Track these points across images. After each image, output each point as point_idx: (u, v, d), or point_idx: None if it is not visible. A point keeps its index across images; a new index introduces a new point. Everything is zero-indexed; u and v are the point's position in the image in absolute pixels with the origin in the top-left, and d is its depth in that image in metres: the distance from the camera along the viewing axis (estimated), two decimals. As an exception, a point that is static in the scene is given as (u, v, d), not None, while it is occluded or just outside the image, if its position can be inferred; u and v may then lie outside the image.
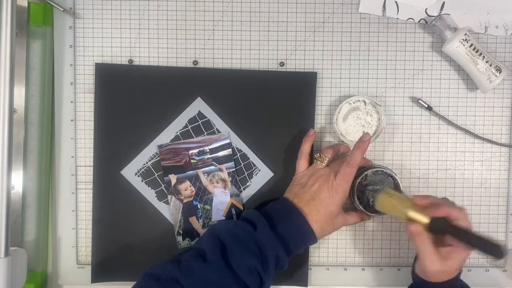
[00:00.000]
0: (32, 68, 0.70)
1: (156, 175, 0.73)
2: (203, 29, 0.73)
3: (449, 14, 0.72)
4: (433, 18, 0.71)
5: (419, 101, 0.72)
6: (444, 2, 0.72)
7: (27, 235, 0.71)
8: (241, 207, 0.73)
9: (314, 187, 0.66)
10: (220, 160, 0.73)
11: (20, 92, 0.69)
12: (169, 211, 0.73)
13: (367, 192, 0.71)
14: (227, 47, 0.73)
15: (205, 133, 0.73)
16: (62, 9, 0.72)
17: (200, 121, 0.73)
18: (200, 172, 0.73)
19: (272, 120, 0.73)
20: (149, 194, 0.74)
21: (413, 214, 0.60)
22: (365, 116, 0.72)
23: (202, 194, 0.73)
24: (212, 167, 0.73)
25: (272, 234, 0.62)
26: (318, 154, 0.69)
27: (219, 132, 0.73)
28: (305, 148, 0.70)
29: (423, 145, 0.74)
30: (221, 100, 0.73)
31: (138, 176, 0.73)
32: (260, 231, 0.62)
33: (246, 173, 0.73)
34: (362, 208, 0.70)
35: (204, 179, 0.73)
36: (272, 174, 0.73)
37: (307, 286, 0.74)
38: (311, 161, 0.70)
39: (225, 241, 0.62)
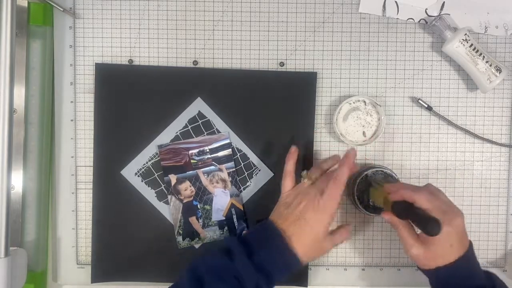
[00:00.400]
0: (32, 68, 0.70)
1: (156, 175, 0.73)
2: (203, 29, 0.73)
3: (449, 14, 0.72)
4: (433, 18, 0.71)
5: (419, 101, 0.72)
6: (444, 2, 0.72)
7: (27, 235, 0.71)
8: (241, 207, 0.73)
9: (299, 207, 0.62)
10: (220, 160, 0.73)
11: (20, 92, 0.69)
12: (169, 211, 0.73)
13: (367, 192, 0.71)
14: (227, 47, 0.73)
15: (205, 133, 0.73)
16: (62, 9, 0.72)
17: (200, 121, 0.73)
18: (200, 172, 0.73)
19: (272, 120, 0.73)
20: (149, 194, 0.74)
21: (383, 203, 0.61)
22: (365, 116, 0.72)
23: (202, 194, 0.73)
24: (212, 167, 0.73)
25: (249, 263, 0.58)
26: (305, 172, 0.67)
27: (219, 132, 0.73)
28: (289, 166, 0.68)
29: (423, 145, 0.74)
30: (221, 100, 0.73)
31: (138, 176, 0.73)
32: (237, 261, 0.58)
33: (246, 173, 0.73)
34: (362, 208, 0.70)
35: (204, 179, 0.73)
36: (272, 174, 0.73)
37: (307, 286, 0.74)
38: (297, 180, 0.68)
39: (202, 275, 0.58)
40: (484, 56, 0.69)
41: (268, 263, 0.59)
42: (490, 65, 0.69)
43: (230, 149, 0.73)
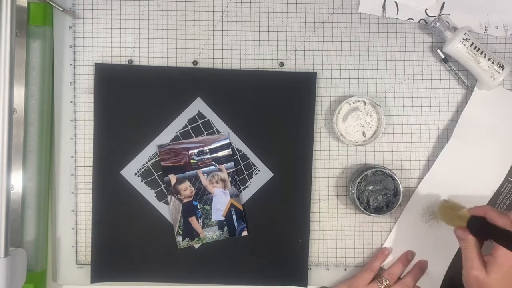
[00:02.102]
0: (31, 68, 0.70)
1: (155, 175, 0.73)
2: (203, 29, 0.73)
3: (449, 14, 0.72)
4: (432, 18, 0.71)
5: (438, 50, 0.72)
6: (444, 2, 0.72)
7: (26, 235, 0.71)
8: (241, 207, 0.73)
9: None
10: (220, 160, 0.73)
11: (19, 92, 0.69)
12: (169, 211, 0.73)
13: (366, 192, 0.71)
14: (227, 47, 0.73)
15: (205, 133, 0.73)
16: (62, 9, 0.72)
17: (200, 121, 0.73)
18: (199, 172, 0.73)
19: (272, 120, 0.73)
20: (149, 194, 0.73)
21: (459, 218, 0.62)
22: (365, 116, 0.72)
23: (202, 194, 0.73)
24: (212, 167, 0.73)
25: None
26: (384, 279, 0.70)
27: (218, 132, 0.73)
28: (375, 264, 0.72)
29: (423, 145, 0.74)
30: (221, 100, 0.73)
31: (138, 176, 0.73)
32: None
33: (245, 173, 0.73)
34: (362, 208, 0.70)
35: (203, 179, 0.73)
36: (272, 174, 0.73)
37: (307, 286, 0.74)
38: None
39: None
40: (485, 54, 0.69)
41: None
42: (493, 63, 0.69)
43: (230, 149, 0.73)
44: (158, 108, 0.73)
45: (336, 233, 0.75)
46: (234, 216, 0.73)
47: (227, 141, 0.73)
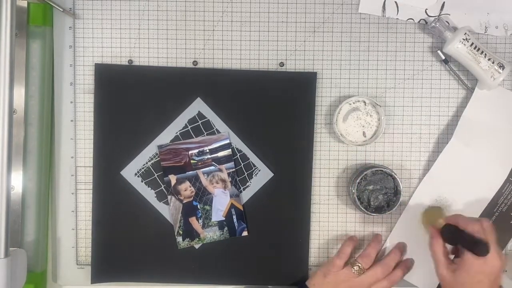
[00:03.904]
0: (31, 69, 0.70)
1: (156, 176, 0.73)
2: (203, 29, 0.73)
3: (449, 15, 0.72)
4: (432, 19, 0.71)
5: (438, 51, 0.72)
6: (444, 2, 0.72)
7: (26, 235, 0.71)
8: (241, 208, 0.73)
9: None
10: (220, 161, 0.73)
11: (19, 93, 0.69)
12: (169, 212, 0.73)
13: (367, 192, 0.71)
14: (227, 48, 0.73)
15: (205, 133, 0.73)
16: (61, 10, 0.72)
17: (200, 122, 0.73)
18: (200, 172, 0.73)
19: (272, 120, 0.73)
20: (149, 194, 0.73)
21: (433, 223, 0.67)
22: (365, 116, 0.72)
23: (202, 194, 0.73)
24: (212, 168, 0.73)
25: None
26: (357, 263, 0.69)
27: (218, 132, 0.73)
28: (346, 250, 0.70)
29: (423, 145, 0.74)
30: (221, 101, 0.73)
31: (138, 176, 0.73)
32: None
33: (246, 173, 0.73)
34: (363, 208, 0.70)
35: (204, 180, 0.73)
36: (272, 174, 0.73)
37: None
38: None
39: None
40: (486, 54, 0.69)
41: None
42: (493, 62, 0.69)
43: (230, 150, 0.73)
44: (158, 108, 0.73)
45: (336, 233, 0.75)
46: (234, 216, 0.73)
47: (227, 141, 0.73)
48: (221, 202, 0.73)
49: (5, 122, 0.61)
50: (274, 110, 0.73)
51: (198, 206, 0.73)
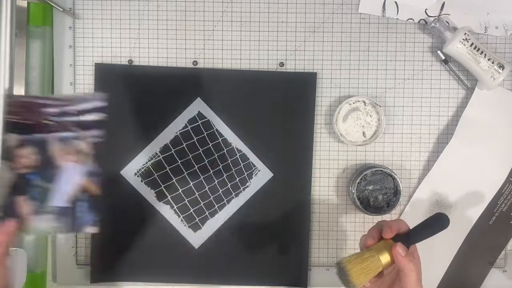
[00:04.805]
0: (31, 69, 0.70)
1: (155, 175, 0.73)
2: (203, 29, 0.73)
3: (449, 15, 0.72)
4: (432, 19, 0.71)
5: (438, 51, 0.71)
6: (444, 2, 0.72)
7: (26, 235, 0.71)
8: (98, 193, 0.56)
9: None
10: (86, 126, 0.56)
11: (19, 93, 0.69)
12: (169, 212, 0.73)
13: (367, 192, 0.71)
14: (227, 48, 0.73)
15: (205, 133, 0.73)
16: (61, 10, 0.72)
17: (200, 121, 0.73)
18: (52, 137, 0.55)
19: (272, 121, 0.73)
20: (149, 194, 0.73)
21: (385, 259, 0.57)
22: (365, 116, 0.72)
23: (46, 166, 0.55)
24: (71, 134, 0.56)
25: None
26: None
27: (219, 132, 0.73)
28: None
29: (423, 145, 0.74)
30: (221, 101, 0.73)
31: (138, 176, 0.73)
32: None
33: (246, 173, 0.73)
34: (362, 208, 0.70)
35: (54, 147, 0.55)
36: (272, 174, 0.73)
37: (307, 287, 0.74)
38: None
39: None
40: (485, 54, 0.69)
41: None
42: (493, 63, 0.69)
43: (103, 115, 0.57)
44: (158, 108, 0.73)
45: (336, 233, 0.75)
46: (84, 204, 0.55)
47: (101, 103, 0.57)
48: (70, 181, 0.55)
49: (5, 122, 0.61)
50: (274, 110, 0.73)
51: (36, 183, 0.55)
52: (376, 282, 0.60)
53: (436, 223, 0.60)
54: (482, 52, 0.69)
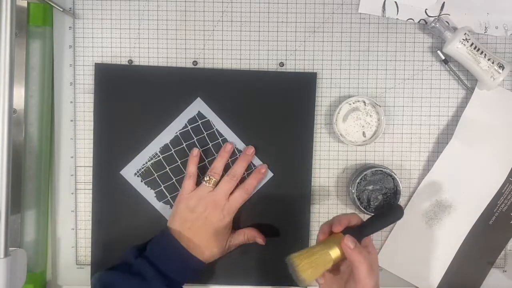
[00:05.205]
0: (31, 69, 0.70)
1: (155, 176, 0.73)
2: (203, 29, 0.73)
3: (449, 15, 0.72)
4: (432, 19, 0.71)
5: (438, 51, 0.71)
6: (444, 2, 0.72)
7: (26, 235, 0.71)
8: None
9: (205, 212, 0.67)
10: None
11: (19, 93, 0.69)
12: (167, 213, 0.73)
13: (367, 192, 0.71)
14: (227, 48, 0.73)
15: (205, 133, 0.73)
16: (61, 10, 0.72)
17: (200, 122, 0.73)
18: None
19: (272, 121, 0.73)
20: (149, 194, 0.73)
21: (335, 253, 0.57)
22: (365, 116, 0.72)
23: None
24: None
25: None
26: (208, 177, 0.69)
27: (219, 132, 0.73)
28: (192, 169, 0.70)
29: (423, 145, 0.74)
30: (221, 101, 0.73)
31: (138, 176, 0.73)
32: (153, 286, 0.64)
33: (245, 173, 0.73)
34: (362, 208, 0.70)
35: None
36: (272, 174, 0.73)
37: (306, 287, 0.74)
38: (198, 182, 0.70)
39: None
40: (485, 54, 0.69)
41: (176, 275, 0.66)
42: (493, 63, 0.69)
43: None
44: (158, 108, 0.73)
45: (336, 233, 0.75)
46: None
47: None
48: None
49: (5, 122, 0.61)
50: (274, 110, 0.73)
51: None
52: (333, 278, 0.61)
53: (388, 214, 0.61)
54: (482, 52, 0.69)
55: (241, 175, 0.70)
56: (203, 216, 0.67)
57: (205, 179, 0.69)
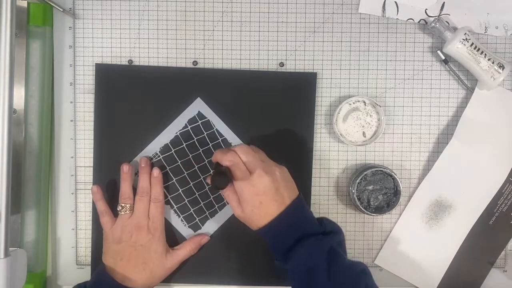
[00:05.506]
0: (31, 69, 0.70)
1: (156, 176, 0.73)
2: (203, 29, 0.73)
3: (449, 15, 0.72)
4: (432, 19, 0.71)
5: (438, 51, 0.71)
6: (444, 2, 0.72)
7: (26, 235, 0.71)
8: None
9: (132, 238, 0.67)
10: None
11: (19, 93, 0.69)
12: (167, 213, 0.73)
13: (367, 192, 0.71)
14: (227, 48, 0.73)
15: (205, 133, 0.73)
16: (61, 10, 0.72)
17: (199, 122, 0.73)
18: None
19: (272, 121, 0.73)
20: (149, 194, 0.73)
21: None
22: (365, 116, 0.72)
23: None
24: None
25: None
26: (121, 206, 0.69)
27: (219, 132, 0.73)
28: (102, 206, 0.70)
29: (423, 145, 0.74)
30: (221, 101, 0.73)
31: (138, 176, 0.73)
32: None
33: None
34: (362, 208, 0.70)
35: None
36: (272, 174, 0.73)
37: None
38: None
39: None
40: (486, 54, 0.69)
41: None
42: (493, 63, 0.69)
43: None
44: (158, 108, 0.73)
45: (336, 233, 0.75)
46: None
47: None
48: None
49: (5, 122, 0.61)
50: (274, 110, 0.73)
51: None
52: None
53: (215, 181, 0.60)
54: (482, 52, 0.69)
55: (149, 187, 0.70)
56: (131, 242, 0.68)
57: (119, 209, 0.69)
